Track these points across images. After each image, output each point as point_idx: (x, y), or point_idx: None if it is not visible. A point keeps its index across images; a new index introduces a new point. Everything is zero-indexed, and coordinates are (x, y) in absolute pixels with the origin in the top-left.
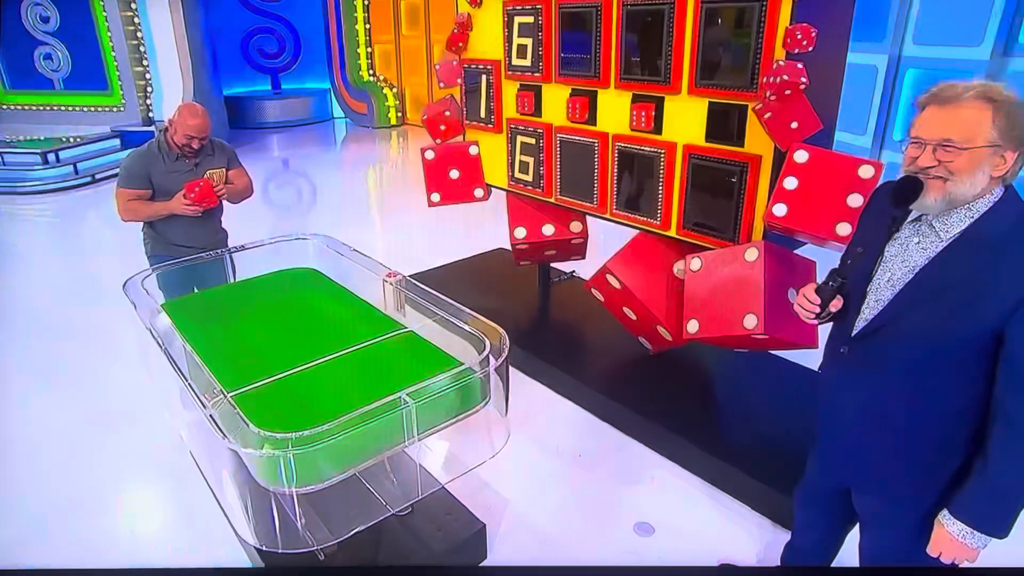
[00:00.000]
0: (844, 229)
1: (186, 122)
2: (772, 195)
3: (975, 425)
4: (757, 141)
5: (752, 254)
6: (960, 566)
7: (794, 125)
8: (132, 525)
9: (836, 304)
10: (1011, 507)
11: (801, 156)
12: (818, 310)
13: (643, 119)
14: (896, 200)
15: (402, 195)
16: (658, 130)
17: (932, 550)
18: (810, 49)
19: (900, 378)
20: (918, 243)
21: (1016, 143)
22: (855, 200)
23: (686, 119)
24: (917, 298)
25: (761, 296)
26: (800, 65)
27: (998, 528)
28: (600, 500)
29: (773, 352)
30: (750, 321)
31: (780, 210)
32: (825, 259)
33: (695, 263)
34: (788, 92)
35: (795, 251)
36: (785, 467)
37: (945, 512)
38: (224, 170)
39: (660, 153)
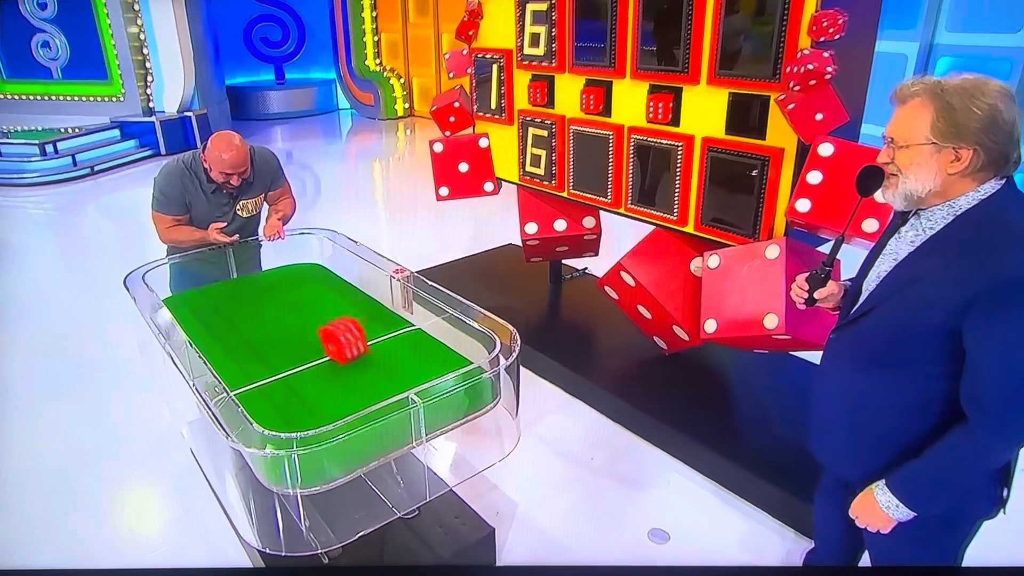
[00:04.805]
0: (871, 225)
1: (220, 157)
2: (795, 190)
3: (932, 423)
4: (779, 133)
5: (773, 251)
6: (873, 531)
7: (819, 117)
8: (132, 525)
9: (822, 292)
10: (940, 492)
11: (826, 149)
12: (806, 295)
13: (660, 110)
14: (857, 188)
15: (409, 189)
16: (675, 122)
17: (853, 510)
18: (837, 37)
19: (864, 369)
20: (911, 238)
21: (965, 140)
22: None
23: (705, 111)
24: (888, 290)
25: (782, 295)
26: (826, 54)
27: (921, 505)
28: (613, 505)
29: (793, 353)
30: (771, 321)
31: (803, 205)
32: (851, 257)
33: (713, 260)
34: (813, 82)
35: (818, 248)
36: (806, 473)
37: (880, 483)
38: (259, 198)
39: (677, 146)
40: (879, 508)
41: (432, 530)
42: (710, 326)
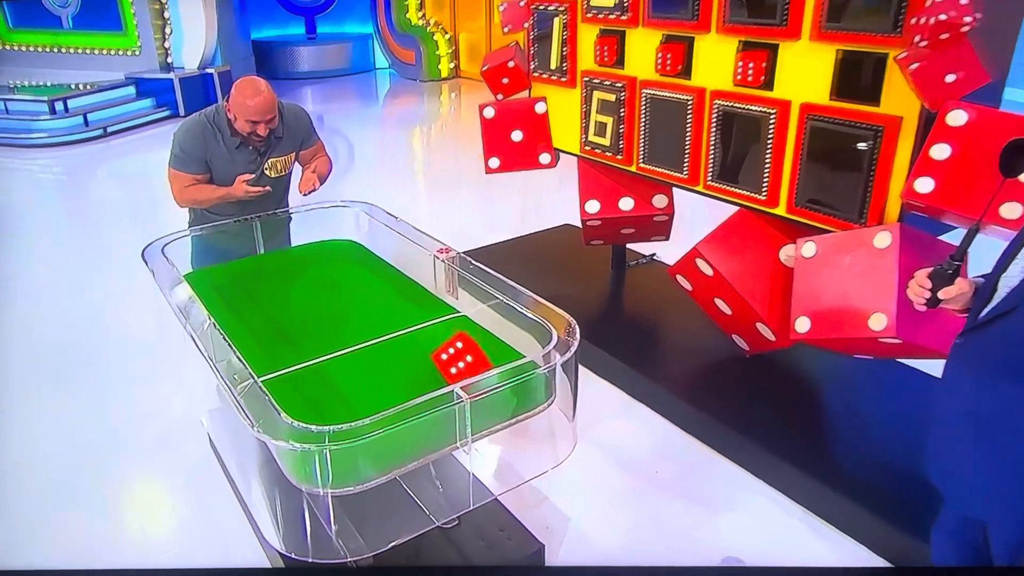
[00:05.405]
0: (1012, 211)
1: (245, 103)
2: (914, 167)
3: None
4: (898, 99)
5: (883, 239)
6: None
7: (950, 78)
8: (141, 524)
9: (949, 292)
10: None
11: (957, 117)
12: (928, 295)
13: (751, 71)
14: (1001, 167)
15: (453, 159)
16: (769, 85)
17: None
18: None
19: (999, 381)
20: None
21: None
22: None
23: (806, 71)
24: None
25: (893, 291)
26: (965, 1)
27: None
28: (681, 527)
29: (904, 360)
30: (878, 322)
31: (924, 185)
32: (983, 250)
33: (808, 248)
34: (945, 36)
35: (940, 238)
36: (920, 503)
37: None
38: (289, 157)
39: (770, 113)
40: None
41: (473, 543)
42: (802, 325)
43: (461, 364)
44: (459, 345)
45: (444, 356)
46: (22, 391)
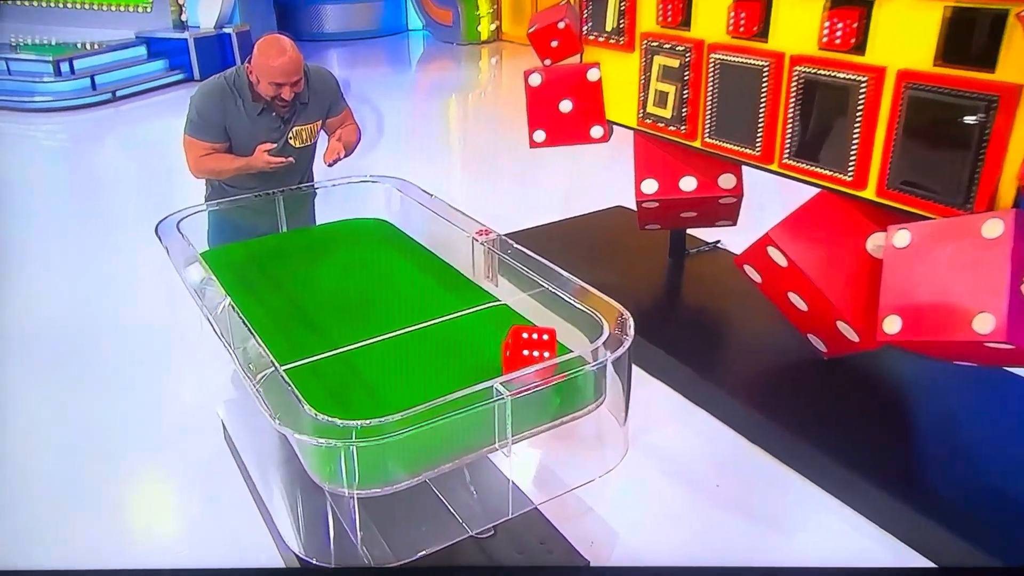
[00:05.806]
0: None
1: (269, 64)
2: None
3: None
4: (1018, 64)
5: (994, 228)
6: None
7: None
8: (151, 521)
9: None
10: None
11: None
12: None
13: (840, 32)
14: None
15: (494, 132)
16: (860, 49)
17: None
18: None
19: None
20: None
21: None
22: None
23: (906, 33)
24: None
25: (1005, 288)
26: None
27: None
28: (744, 549)
29: (1015, 370)
30: (984, 324)
31: None
32: None
33: (901, 237)
34: None
35: None
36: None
37: None
38: (315, 125)
39: (861, 81)
40: None
41: (510, 556)
42: (892, 325)
43: (536, 354)
44: (545, 338)
45: (525, 335)
46: (23, 378)
